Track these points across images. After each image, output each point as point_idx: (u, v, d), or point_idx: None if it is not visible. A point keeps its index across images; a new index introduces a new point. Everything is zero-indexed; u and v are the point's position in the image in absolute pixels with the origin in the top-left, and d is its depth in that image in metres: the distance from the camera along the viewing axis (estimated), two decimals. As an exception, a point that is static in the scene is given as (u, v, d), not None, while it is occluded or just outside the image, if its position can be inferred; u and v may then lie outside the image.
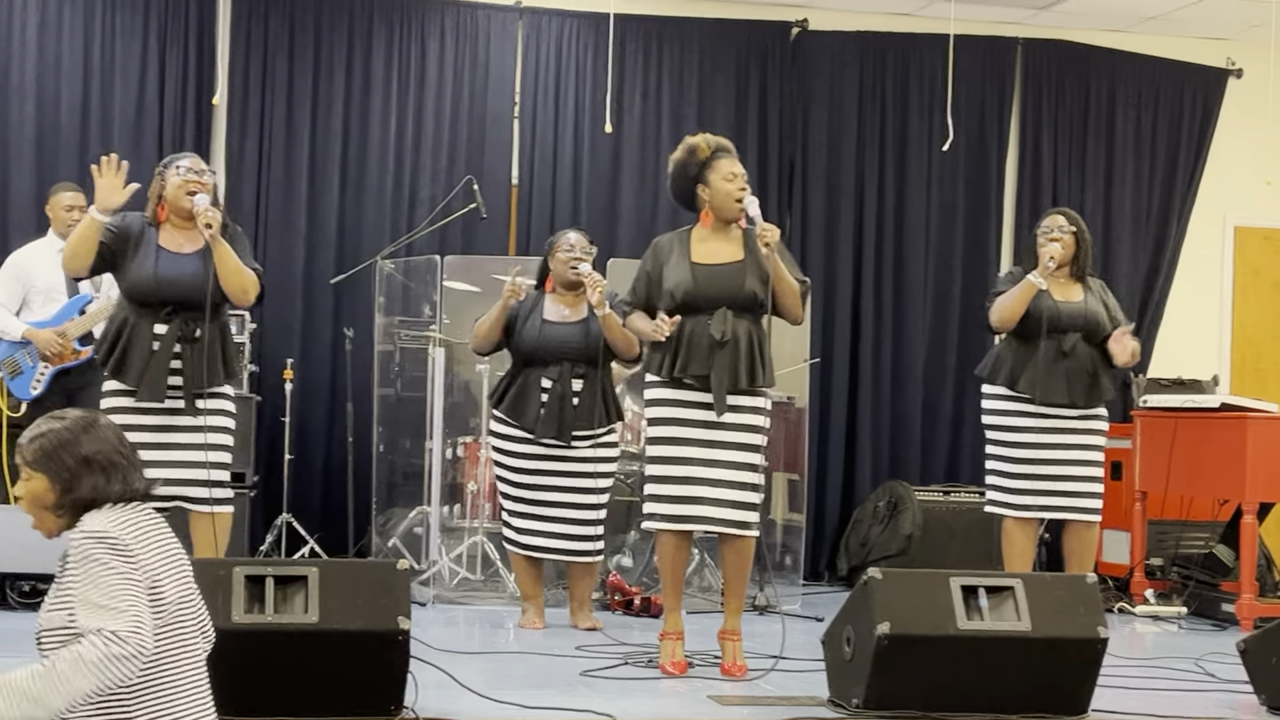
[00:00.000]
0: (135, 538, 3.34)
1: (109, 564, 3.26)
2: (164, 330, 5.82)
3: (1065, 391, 6.81)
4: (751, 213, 5.78)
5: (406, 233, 8.87)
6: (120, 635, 3.19)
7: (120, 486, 3.41)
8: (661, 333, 5.72)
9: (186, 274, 5.83)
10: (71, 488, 3.37)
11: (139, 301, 5.85)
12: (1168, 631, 7.64)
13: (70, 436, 3.40)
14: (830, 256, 9.61)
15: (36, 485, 3.40)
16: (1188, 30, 9.99)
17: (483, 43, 9.30)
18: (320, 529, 8.48)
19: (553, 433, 6.81)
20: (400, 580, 4.71)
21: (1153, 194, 10.06)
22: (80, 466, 3.38)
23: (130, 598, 3.25)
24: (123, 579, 3.26)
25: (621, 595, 7.52)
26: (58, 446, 3.39)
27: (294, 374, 8.49)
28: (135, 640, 3.20)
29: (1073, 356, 6.82)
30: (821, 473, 9.54)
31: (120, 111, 8.79)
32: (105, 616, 3.21)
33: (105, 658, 3.17)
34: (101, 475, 3.39)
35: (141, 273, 5.83)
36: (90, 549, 3.28)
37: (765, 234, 5.68)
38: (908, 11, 9.71)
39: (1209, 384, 9.26)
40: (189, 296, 5.83)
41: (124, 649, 3.19)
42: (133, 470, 3.45)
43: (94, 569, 3.26)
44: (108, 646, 3.17)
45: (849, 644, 5.08)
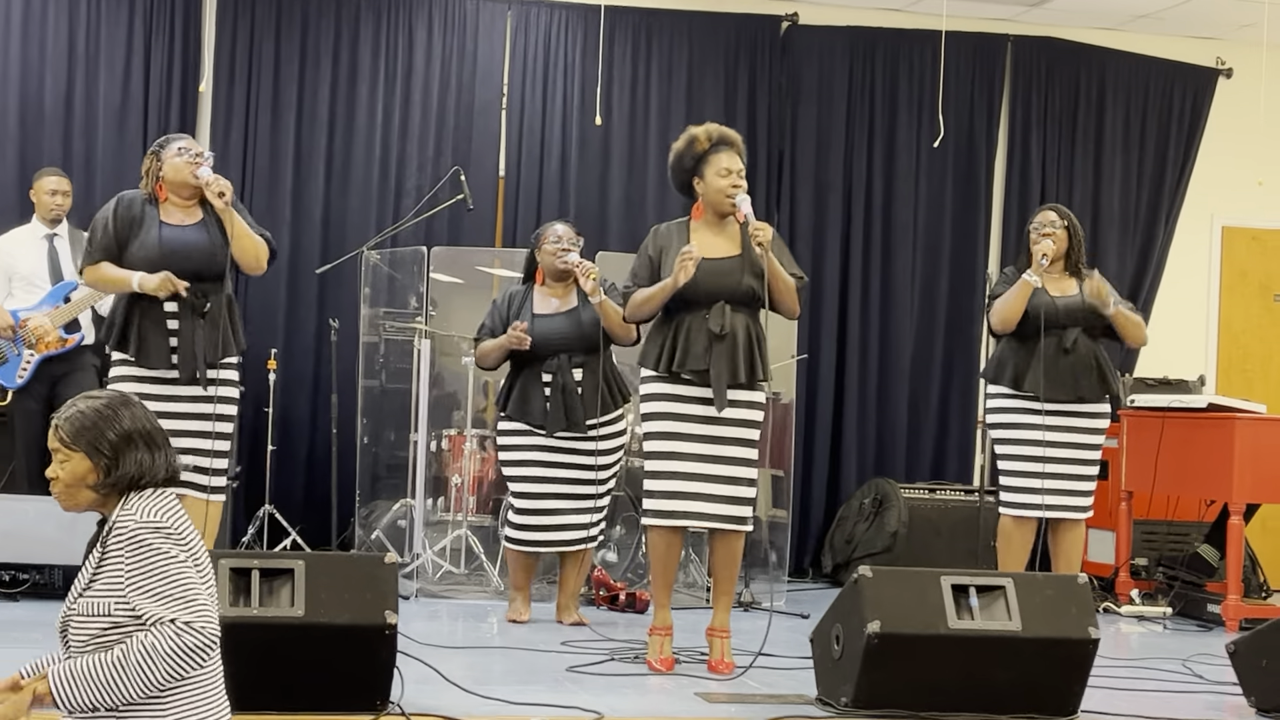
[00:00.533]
0: (179, 527, 3.31)
1: (170, 552, 3.25)
2: (175, 309, 5.80)
3: (1072, 387, 6.83)
4: (744, 210, 5.74)
5: (392, 223, 8.81)
6: (194, 626, 3.20)
7: (165, 463, 3.38)
8: (687, 267, 5.63)
9: (192, 244, 5.84)
10: (116, 464, 3.33)
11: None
12: (1153, 632, 7.62)
13: (111, 413, 3.36)
14: (818, 252, 9.57)
15: (78, 465, 3.34)
16: (1178, 29, 9.98)
17: (471, 33, 9.24)
18: (302, 521, 8.42)
19: (563, 425, 6.77)
20: (387, 574, 4.68)
21: (1141, 193, 10.05)
22: (123, 443, 3.34)
23: (196, 587, 3.25)
24: (185, 567, 3.25)
25: (606, 590, 7.49)
26: (98, 422, 3.34)
27: (278, 364, 8.43)
28: (210, 630, 3.22)
29: (1075, 352, 6.83)
30: (807, 469, 9.51)
31: (105, 98, 8.72)
32: (176, 606, 3.21)
33: (180, 649, 3.18)
34: (146, 452, 3.35)
35: (147, 249, 5.82)
36: (147, 537, 3.26)
37: (758, 233, 5.66)
38: (898, 7, 9.68)
39: (1195, 384, 9.25)
40: (196, 267, 5.82)
41: (198, 639, 3.20)
42: (169, 446, 3.43)
43: (154, 558, 3.24)
44: (181, 638, 3.19)
45: (838, 642, 5.04)
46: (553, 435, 6.79)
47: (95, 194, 8.49)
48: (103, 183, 8.56)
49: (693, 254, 5.65)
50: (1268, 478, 7.65)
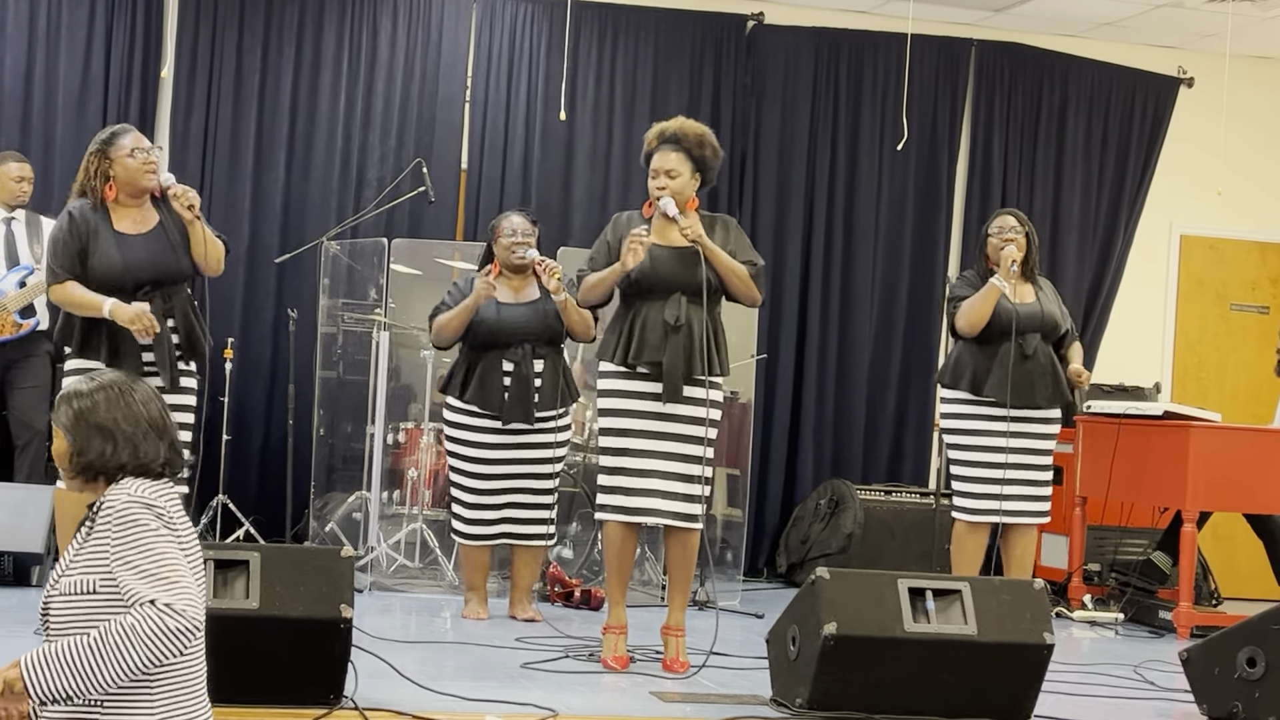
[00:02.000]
0: (176, 513, 3.27)
1: (157, 530, 3.19)
2: None
3: (1030, 394, 6.87)
4: (669, 213, 5.74)
5: (353, 214, 8.77)
6: (175, 608, 3.08)
7: (128, 456, 3.31)
8: (636, 251, 5.64)
9: (153, 254, 5.72)
10: (82, 451, 3.31)
11: (111, 289, 5.69)
12: (1105, 637, 7.65)
13: (90, 402, 3.34)
14: (779, 251, 9.57)
15: (60, 444, 3.35)
16: (1141, 38, 10.03)
17: (436, 24, 9.20)
18: (256, 511, 8.37)
19: (520, 415, 6.73)
20: (344, 567, 4.65)
21: (1101, 199, 10.10)
22: (91, 432, 3.31)
23: (181, 568, 3.16)
24: (171, 547, 3.18)
25: (561, 587, 7.47)
26: (79, 411, 3.33)
27: (234, 354, 8.38)
28: (191, 614, 3.10)
29: (1035, 359, 6.88)
30: (764, 469, 9.51)
31: (65, 82, 8.64)
32: (158, 587, 3.10)
33: (160, 631, 3.06)
34: (109, 443, 3.30)
35: (110, 262, 5.67)
36: (136, 513, 3.20)
37: (686, 231, 5.67)
38: (864, 9, 9.69)
39: (1151, 391, 9.31)
40: (158, 274, 5.72)
41: (180, 622, 3.07)
42: (148, 441, 3.34)
43: (140, 534, 3.17)
44: (162, 620, 3.06)
45: (794, 643, 5.04)
46: (507, 425, 6.76)
47: (54, 178, 8.42)
48: (61, 166, 8.48)
49: (642, 238, 5.65)
50: (1221, 486, 7.70)
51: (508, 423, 6.74)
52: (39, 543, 6.77)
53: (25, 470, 7.23)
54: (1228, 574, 9.27)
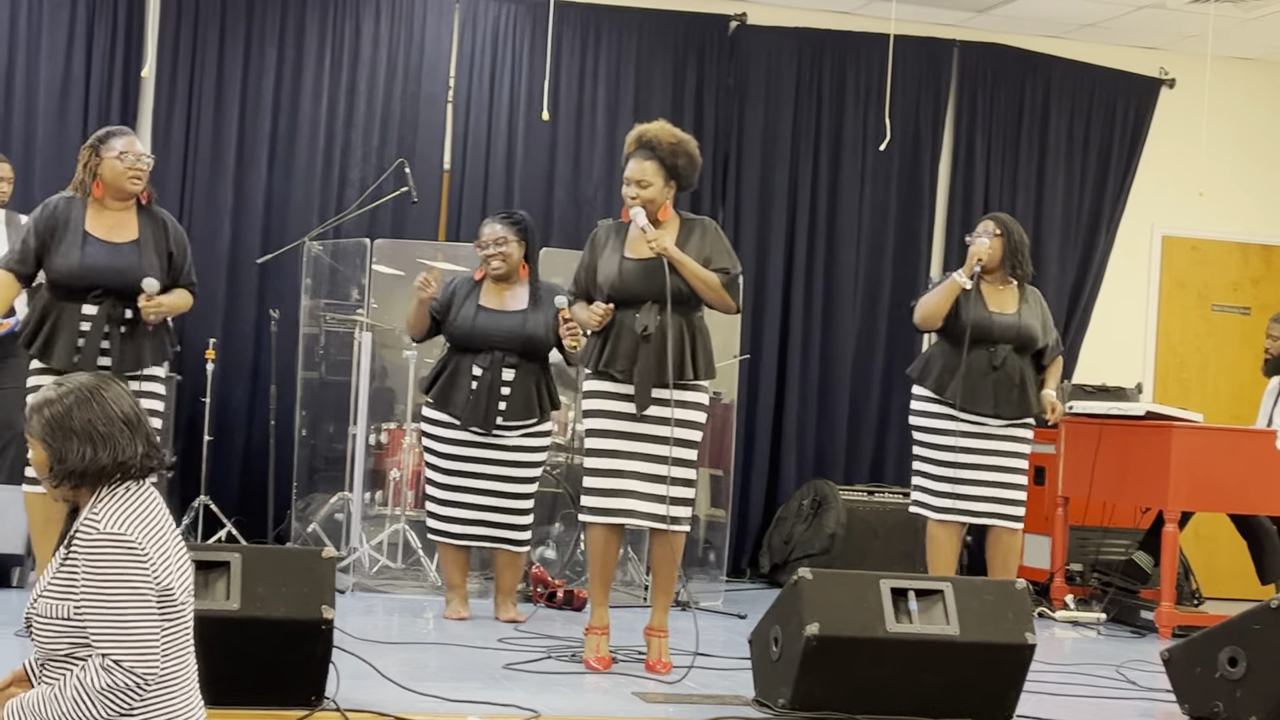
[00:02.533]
0: (148, 537, 3.26)
1: (125, 574, 3.20)
2: (93, 311, 5.69)
3: (991, 403, 6.85)
4: (639, 223, 5.75)
5: (336, 214, 8.75)
6: (123, 665, 3.17)
7: (110, 458, 3.31)
8: (595, 321, 5.71)
9: (117, 264, 5.70)
10: (62, 457, 3.30)
11: (65, 287, 5.70)
12: (1087, 637, 7.67)
13: (63, 408, 3.32)
14: (761, 252, 9.58)
15: (39, 455, 3.35)
16: (1123, 39, 10.05)
17: (418, 23, 9.19)
18: (238, 512, 8.34)
19: (478, 421, 6.74)
20: (325, 568, 4.64)
21: (1083, 200, 10.11)
22: (68, 438, 3.30)
23: (142, 619, 3.21)
24: (136, 595, 3.20)
25: (544, 587, 7.46)
26: (52, 417, 3.32)
27: (216, 354, 8.35)
28: (143, 669, 3.19)
29: (1002, 369, 6.86)
30: (746, 469, 9.51)
31: (45, 81, 8.61)
32: (117, 642, 3.18)
33: (109, 688, 3.17)
34: (89, 445, 3.30)
35: (68, 262, 5.68)
36: (107, 551, 3.21)
37: (652, 242, 5.68)
38: (847, 10, 9.70)
39: (1133, 391, 9.33)
40: (115, 283, 5.70)
41: (128, 680, 3.18)
42: (128, 441, 3.34)
43: (108, 579, 3.20)
44: (111, 676, 3.17)
45: (777, 644, 5.04)
46: (466, 429, 6.77)
47: (34, 177, 8.40)
48: (42, 165, 8.47)
49: (597, 313, 5.74)
50: (1203, 486, 7.71)
51: (465, 426, 6.75)
52: (19, 544, 6.74)
53: (5, 471, 7.19)
54: (1209, 574, 9.30)
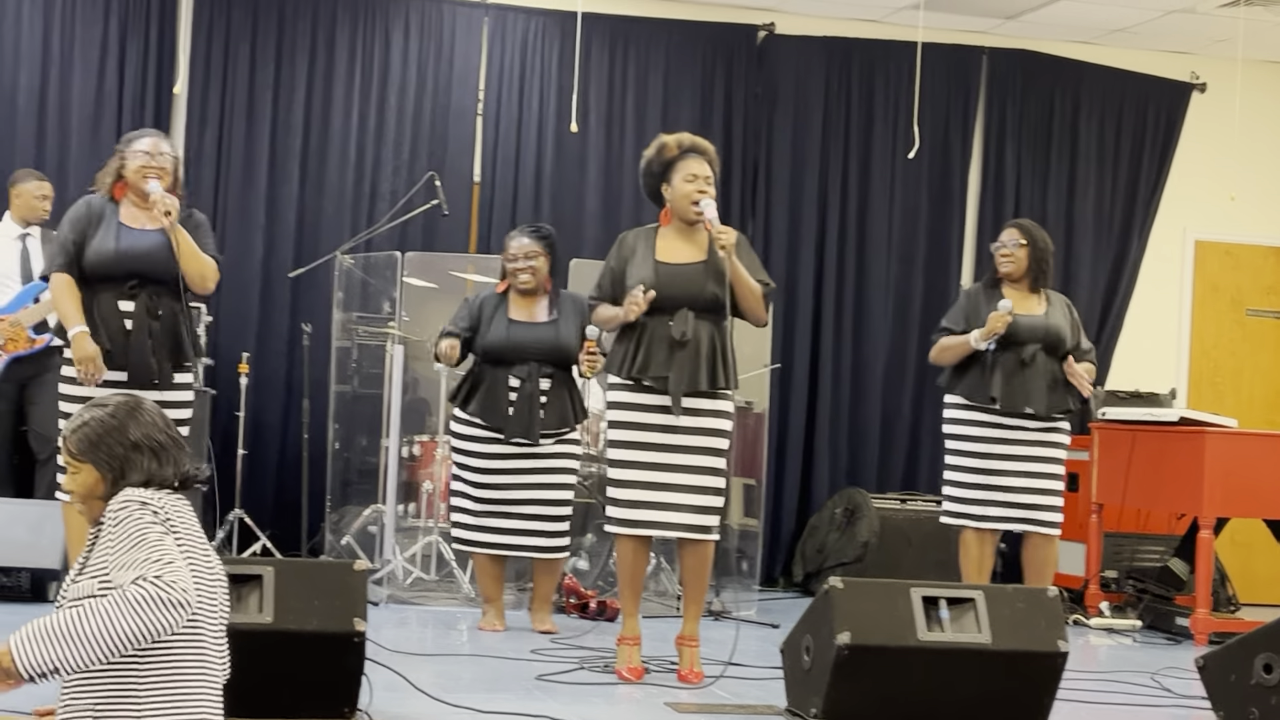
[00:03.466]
0: (175, 515, 3.27)
1: (150, 524, 3.18)
2: (132, 307, 5.72)
3: (1024, 401, 6.83)
4: (708, 215, 5.73)
5: (367, 227, 8.79)
6: (164, 580, 3.06)
7: (172, 469, 3.35)
8: (633, 311, 5.67)
9: (149, 246, 5.74)
10: (124, 474, 3.31)
11: (101, 276, 5.74)
12: (1122, 645, 7.64)
13: (116, 423, 3.34)
14: (792, 261, 9.58)
15: (87, 476, 3.33)
16: (1153, 44, 10.02)
17: (448, 38, 9.23)
18: (273, 525, 8.39)
19: (521, 432, 6.76)
20: (357, 581, 4.65)
21: (1115, 206, 10.08)
22: (130, 452, 3.32)
23: (169, 551, 3.14)
24: (163, 538, 3.16)
25: (577, 598, 7.47)
26: (103, 434, 3.32)
27: (249, 368, 8.39)
28: (180, 587, 3.06)
29: (1032, 367, 6.84)
30: (779, 478, 9.51)
31: (79, 98, 8.68)
32: (148, 566, 3.08)
33: (150, 599, 3.03)
34: (153, 459, 3.33)
35: (103, 247, 5.73)
36: (133, 511, 3.20)
37: (721, 237, 5.66)
38: (875, 18, 9.70)
39: (1167, 397, 9.29)
40: (151, 270, 5.73)
41: (169, 594, 3.04)
42: (181, 452, 3.39)
43: (133, 528, 3.17)
44: (151, 587, 3.04)
45: (808, 653, 5.04)
46: (509, 441, 6.79)
47: (68, 194, 8.38)
48: (75, 182, 8.50)
49: (637, 299, 5.66)
50: (1237, 492, 7.68)
51: (510, 438, 6.77)
52: (56, 559, 6.79)
53: (45, 486, 7.25)
54: (1245, 580, 9.25)
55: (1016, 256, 6.93)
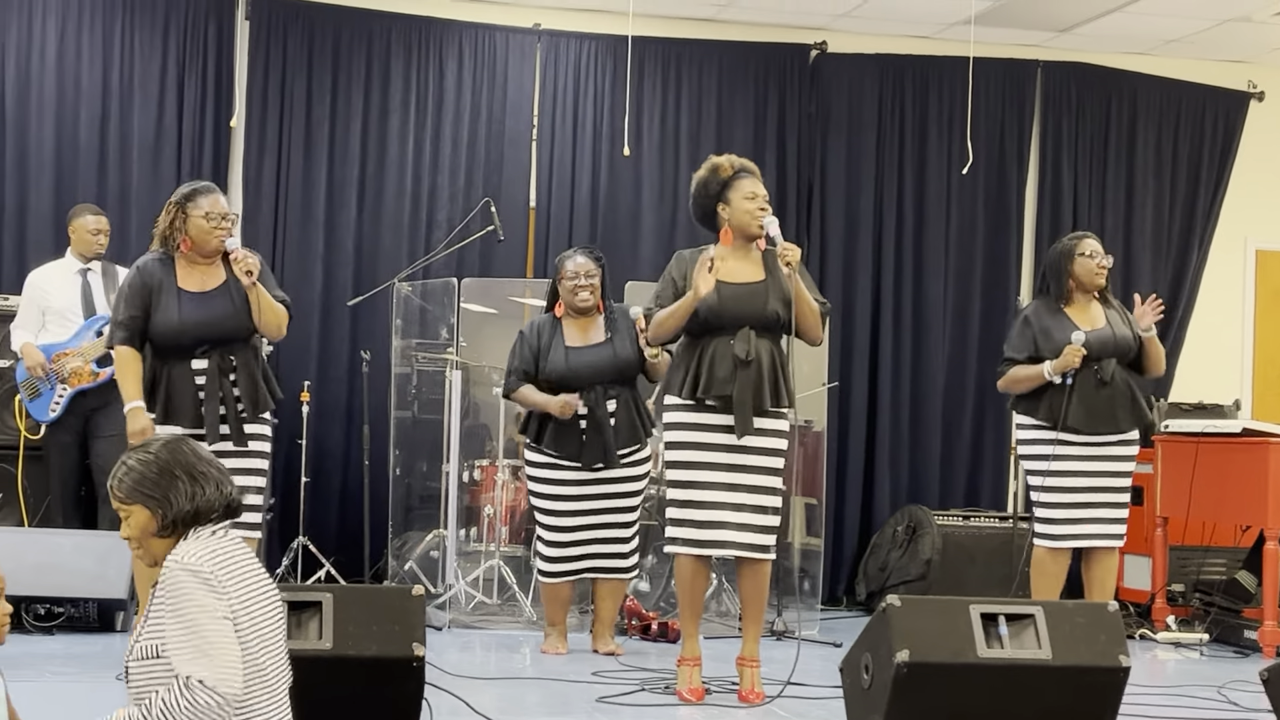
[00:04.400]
0: (227, 571, 3.35)
1: (200, 601, 3.28)
2: (204, 365, 5.75)
3: (1112, 419, 6.79)
4: (771, 233, 5.76)
5: (424, 255, 8.85)
6: (208, 684, 3.22)
7: (215, 491, 3.44)
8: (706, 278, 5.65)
9: (214, 315, 5.73)
10: (171, 504, 3.40)
11: (170, 346, 5.77)
12: (1189, 659, 7.57)
13: (152, 458, 3.44)
14: (849, 279, 9.57)
15: (139, 516, 3.43)
16: (1209, 53, 9.95)
17: (501, 65, 9.29)
18: (336, 552, 8.44)
19: (598, 458, 6.79)
20: (415, 606, 4.68)
21: (1174, 217, 10.02)
22: (171, 481, 3.41)
23: (219, 639, 3.27)
24: (210, 617, 3.28)
25: (639, 620, 7.48)
26: (145, 474, 3.42)
27: (311, 396, 8.46)
28: (225, 688, 3.24)
29: (1112, 384, 6.79)
30: (840, 496, 9.49)
31: (139, 133, 8.79)
32: (197, 662, 3.23)
33: (193, 706, 3.21)
34: (193, 484, 3.42)
35: (168, 320, 5.72)
36: (183, 581, 3.30)
37: (786, 253, 5.67)
38: (927, 34, 9.69)
39: (1230, 409, 9.21)
40: (219, 335, 5.75)
41: (211, 697, 3.22)
42: (224, 478, 3.48)
43: (185, 605, 3.28)
44: (193, 694, 3.21)
45: (867, 671, 5.02)
46: (589, 468, 6.81)
47: (130, 228, 8.57)
48: (138, 217, 8.63)
49: (711, 260, 5.66)
50: (1304, 503, 7.59)
51: (588, 466, 6.79)
52: (123, 589, 6.87)
53: (110, 518, 7.33)
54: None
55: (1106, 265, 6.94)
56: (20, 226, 8.64)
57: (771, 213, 5.86)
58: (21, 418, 7.60)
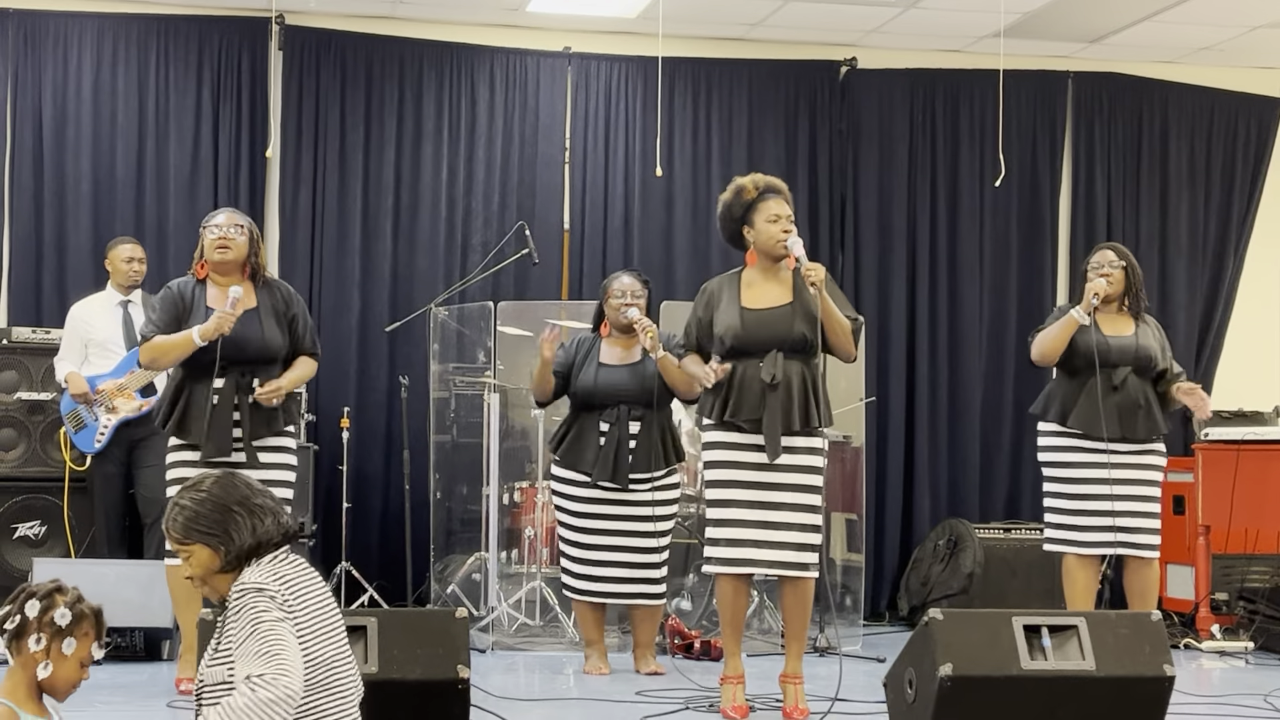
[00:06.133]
0: (293, 593, 3.41)
1: (264, 611, 3.34)
2: (221, 384, 5.90)
3: (1117, 426, 6.75)
4: (796, 253, 5.77)
5: (460, 279, 8.90)
6: (265, 679, 3.24)
7: (273, 522, 3.49)
8: (709, 379, 5.73)
9: (238, 335, 5.92)
10: (230, 538, 3.45)
11: (191, 363, 5.92)
12: (1235, 667, 7.54)
13: (206, 495, 3.50)
14: (884, 294, 9.58)
15: (200, 555, 3.48)
16: (1239, 60, 9.93)
17: (532, 89, 9.34)
18: (379, 577, 8.49)
19: (608, 476, 6.80)
20: (459, 628, 4.71)
21: (1209, 224, 9.99)
22: (228, 516, 3.46)
23: (280, 641, 3.30)
24: (275, 624, 3.32)
25: (681, 639, 7.49)
26: (200, 513, 3.48)
27: (350, 422, 8.51)
28: (282, 682, 3.25)
29: (1123, 391, 6.75)
30: (880, 512, 9.48)
31: (175, 166, 8.87)
32: (255, 662, 3.27)
33: (252, 704, 3.22)
34: (251, 516, 3.48)
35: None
36: (249, 600, 3.36)
37: (810, 273, 5.69)
38: (957, 48, 9.70)
39: (1271, 415, 9.16)
40: (240, 355, 5.92)
41: (270, 692, 3.23)
42: (279, 507, 3.55)
43: (250, 618, 3.33)
44: (254, 692, 3.23)
45: (911, 685, 5.03)
46: (597, 485, 6.83)
47: (168, 260, 8.64)
48: (175, 249, 8.70)
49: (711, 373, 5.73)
50: (1346, 508, 7.56)
51: (597, 481, 6.81)
52: (167, 618, 6.90)
53: (155, 547, 7.38)
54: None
55: (1115, 277, 6.87)
56: (60, 260, 8.73)
57: (796, 233, 5.86)
58: (67, 449, 7.67)
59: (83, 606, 3.37)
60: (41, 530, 7.83)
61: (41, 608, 3.30)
